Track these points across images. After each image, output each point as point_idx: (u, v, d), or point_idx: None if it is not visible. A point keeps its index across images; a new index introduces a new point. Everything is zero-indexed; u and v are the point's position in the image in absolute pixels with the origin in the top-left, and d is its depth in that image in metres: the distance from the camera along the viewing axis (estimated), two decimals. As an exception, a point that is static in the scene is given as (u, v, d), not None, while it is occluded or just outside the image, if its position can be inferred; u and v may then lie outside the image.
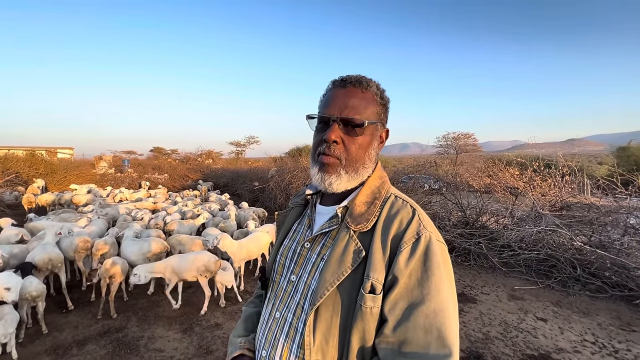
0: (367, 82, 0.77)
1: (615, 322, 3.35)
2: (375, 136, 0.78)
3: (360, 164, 0.75)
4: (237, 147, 34.70)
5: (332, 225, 0.75)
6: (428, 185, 9.04)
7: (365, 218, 0.71)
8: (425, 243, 0.65)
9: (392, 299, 0.63)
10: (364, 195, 0.75)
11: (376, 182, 0.78)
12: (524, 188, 6.48)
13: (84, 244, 3.80)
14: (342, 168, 0.74)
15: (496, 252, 4.98)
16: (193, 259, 3.42)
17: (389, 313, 0.62)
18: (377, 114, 0.77)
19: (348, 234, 0.70)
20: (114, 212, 6.19)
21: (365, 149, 0.76)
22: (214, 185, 14.15)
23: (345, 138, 0.74)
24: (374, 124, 0.77)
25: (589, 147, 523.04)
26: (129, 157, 24.89)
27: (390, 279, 0.64)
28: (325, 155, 0.74)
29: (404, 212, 0.71)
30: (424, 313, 0.60)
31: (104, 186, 11.53)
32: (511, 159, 8.68)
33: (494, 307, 3.69)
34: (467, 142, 27.25)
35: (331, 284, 0.66)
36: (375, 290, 0.63)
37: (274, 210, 9.10)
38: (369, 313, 0.63)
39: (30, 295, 2.83)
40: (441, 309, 0.60)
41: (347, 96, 0.75)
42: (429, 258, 0.64)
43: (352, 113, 0.73)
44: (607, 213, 5.03)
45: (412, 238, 0.66)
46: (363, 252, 0.67)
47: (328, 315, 0.67)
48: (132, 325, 3.17)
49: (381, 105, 0.79)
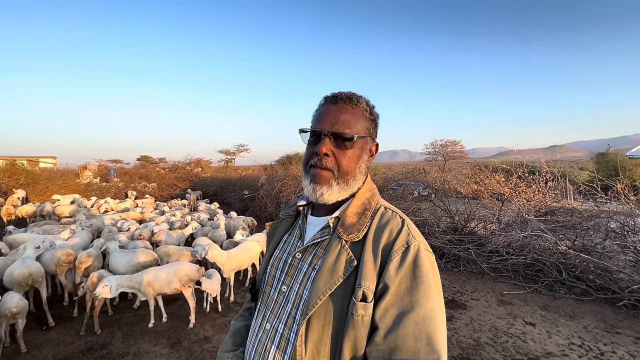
0: (357, 98, 0.81)
1: (600, 325, 3.43)
2: (365, 150, 0.82)
3: (350, 176, 0.78)
4: (227, 155, 34.43)
5: (324, 236, 0.77)
6: (417, 192, 9.16)
7: (356, 228, 0.73)
8: (414, 252, 0.68)
9: (382, 306, 0.64)
10: (355, 206, 0.78)
11: (366, 194, 0.81)
12: (510, 194, 6.64)
13: (66, 257, 3.67)
14: (334, 180, 0.77)
15: (485, 257, 5.05)
16: (175, 270, 3.32)
17: (379, 321, 0.64)
18: (366, 128, 0.81)
19: (340, 244, 0.72)
20: (99, 223, 6.01)
21: (355, 162, 0.79)
22: (202, 194, 13.95)
23: (335, 151, 0.78)
24: (364, 138, 0.81)
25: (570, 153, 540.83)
26: (115, 166, 24.33)
27: (381, 287, 0.66)
28: (317, 168, 0.78)
29: (394, 222, 0.73)
30: (414, 320, 0.62)
31: (88, 196, 11.22)
32: (497, 165, 8.91)
33: (484, 313, 3.72)
34: (455, 149, 27.76)
35: (323, 293, 0.67)
36: (366, 298, 0.65)
37: (264, 219, 9.03)
38: (361, 321, 0.64)
39: (10, 312, 2.70)
40: (430, 316, 0.63)
41: (338, 112, 0.79)
42: (418, 266, 0.66)
43: (343, 127, 0.77)
44: (589, 217, 5.20)
45: (401, 247, 0.68)
46: (355, 262, 0.69)
47: (320, 325, 0.68)
48: (117, 341, 3.06)
49: (370, 121, 0.83)
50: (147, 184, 16.39)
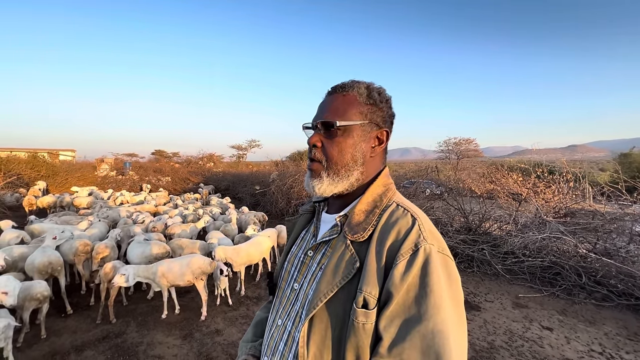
0: (352, 85, 0.76)
1: (623, 332, 3.29)
2: (362, 137, 0.75)
3: (341, 166, 0.74)
4: (239, 151, 34.79)
5: (333, 234, 0.74)
6: (430, 190, 9.01)
7: (362, 227, 0.68)
8: (424, 256, 0.60)
9: (387, 315, 0.59)
10: (365, 203, 0.72)
11: (379, 190, 0.75)
12: (528, 194, 6.43)
13: (84, 247, 3.77)
14: (324, 171, 0.74)
15: (500, 258, 4.92)
16: (188, 263, 3.37)
17: (384, 330, 0.58)
18: (361, 114, 0.74)
19: (344, 244, 0.68)
20: (115, 215, 6.16)
21: (348, 151, 0.74)
22: (215, 188, 14.14)
23: (325, 141, 0.75)
24: (358, 125, 0.74)
25: (590, 153, 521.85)
26: (131, 160, 24.91)
27: (385, 294, 0.60)
28: (310, 160, 0.77)
29: (403, 221, 0.66)
30: (421, 333, 0.55)
31: (105, 189, 11.53)
32: (513, 164, 8.66)
33: (499, 315, 3.63)
34: (469, 147, 27.18)
35: (325, 295, 0.64)
36: (368, 305, 0.60)
37: (275, 214, 9.07)
38: (362, 329, 0.60)
39: (42, 295, 2.86)
40: (440, 330, 0.55)
41: (330, 101, 0.77)
42: (429, 273, 0.59)
43: (330, 116, 0.74)
44: (612, 220, 4.98)
45: (409, 250, 0.61)
46: (357, 263, 0.64)
47: (322, 327, 0.65)
48: (131, 331, 3.13)
49: (369, 105, 0.75)
50: (161, 177, 16.74)
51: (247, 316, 3.50)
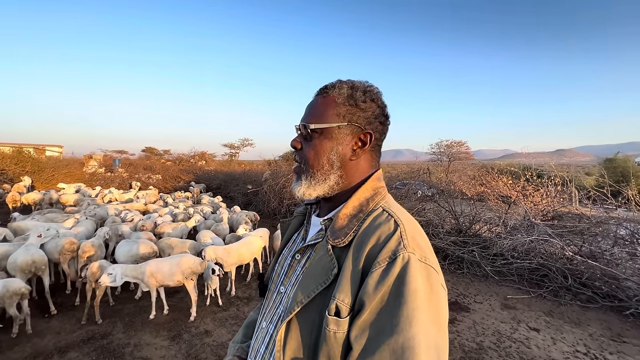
0: (333, 86, 0.75)
1: (606, 333, 3.37)
2: (340, 140, 0.72)
3: (317, 168, 0.73)
4: (231, 149, 34.51)
5: (318, 238, 0.72)
6: (421, 192, 9.09)
7: (344, 232, 0.66)
8: (402, 265, 0.56)
9: (358, 325, 0.56)
10: (350, 207, 0.70)
11: (366, 194, 0.71)
12: (517, 197, 6.55)
13: (69, 246, 3.68)
14: (303, 174, 0.75)
15: (489, 260, 4.99)
16: (178, 262, 3.32)
17: (354, 341, 0.56)
18: (338, 115, 0.72)
19: (325, 249, 0.66)
20: (103, 213, 6.04)
21: (324, 154, 0.72)
22: (206, 187, 13.99)
23: (303, 144, 0.76)
24: (335, 127, 0.72)
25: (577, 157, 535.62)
26: (120, 157, 24.47)
27: (358, 303, 0.57)
28: (295, 163, 0.78)
29: (385, 227, 0.63)
30: (391, 347, 0.52)
31: (93, 186, 11.29)
32: (503, 167, 8.80)
33: (487, 316, 3.68)
34: (460, 149, 27.53)
35: (302, 301, 0.62)
36: (340, 313, 0.58)
37: (267, 214, 9.01)
38: (333, 337, 0.57)
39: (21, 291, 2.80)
40: (410, 346, 0.51)
41: (312, 104, 0.77)
42: (404, 283, 0.55)
43: (307, 119, 0.74)
44: (598, 224, 5.10)
45: (386, 258, 0.57)
46: (336, 270, 0.62)
47: (299, 333, 0.63)
48: (117, 332, 3.06)
49: (349, 106, 0.72)
50: (152, 175, 16.48)
51: (237, 317, 3.46)
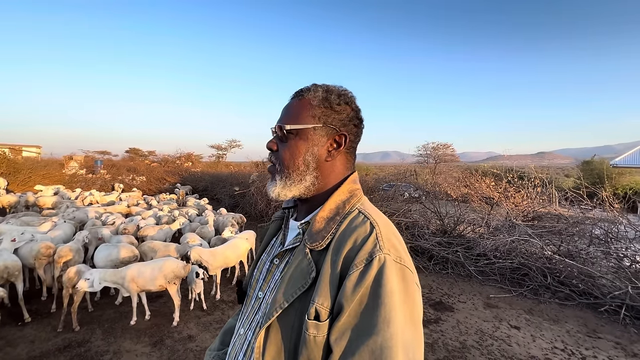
0: (308, 89, 0.77)
1: (583, 329, 3.50)
2: (315, 141, 0.74)
3: (292, 169, 0.73)
4: (218, 151, 34.08)
5: (296, 242, 0.72)
6: (408, 193, 9.21)
7: (321, 235, 0.66)
8: (378, 267, 0.58)
9: (338, 327, 0.57)
10: (326, 210, 0.70)
11: (342, 196, 0.72)
12: (499, 198, 6.73)
13: (46, 250, 3.53)
14: (277, 174, 0.75)
15: (472, 260, 5.10)
16: (160, 267, 3.24)
17: (334, 343, 0.57)
18: (313, 117, 0.74)
19: (303, 253, 0.66)
20: (82, 216, 5.83)
21: (299, 155, 0.73)
22: (192, 189, 13.74)
23: (279, 145, 0.77)
24: (310, 128, 0.73)
25: (557, 160, 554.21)
26: (102, 158, 23.76)
27: (337, 306, 0.58)
28: (270, 164, 0.79)
29: (361, 229, 0.64)
30: (370, 348, 0.53)
31: (73, 188, 10.90)
32: (486, 169, 9.03)
33: (471, 316, 3.75)
34: (446, 152, 28.11)
35: (280, 306, 0.62)
36: (319, 316, 0.58)
37: (254, 216, 8.93)
38: (313, 341, 0.58)
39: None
40: (389, 346, 0.53)
41: (287, 106, 0.78)
42: (381, 284, 0.56)
43: (283, 120, 0.75)
44: (575, 224, 5.30)
45: (363, 260, 0.59)
46: (314, 273, 0.62)
47: (278, 338, 0.63)
48: (96, 339, 2.96)
49: (324, 108, 0.74)
50: (136, 176, 16.07)
51: (222, 321, 3.40)
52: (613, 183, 14.23)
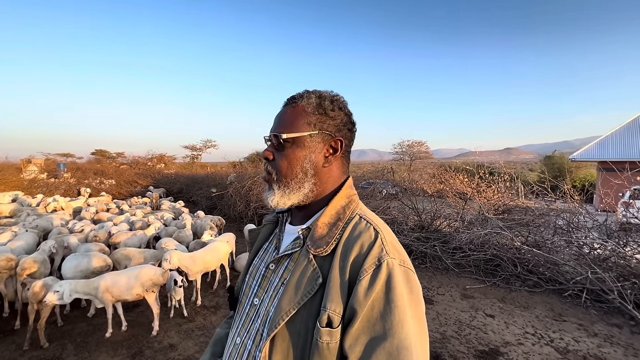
0: (301, 96, 0.77)
1: (550, 314, 3.75)
2: (312, 148, 0.74)
3: (290, 178, 0.74)
4: (193, 151, 33.02)
5: (295, 247, 0.72)
6: (386, 190, 9.42)
7: (325, 241, 0.66)
8: (387, 271, 0.60)
9: (352, 333, 0.58)
10: (328, 215, 0.71)
11: (342, 202, 0.74)
12: (472, 193, 7.05)
13: (6, 263, 3.26)
14: (275, 183, 0.75)
15: (449, 254, 5.31)
16: (137, 275, 3.09)
17: (349, 349, 0.58)
18: (309, 124, 0.74)
19: (307, 258, 0.66)
20: (46, 224, 5.44)
21: (297, 163, 0.74)
22: (166, 191, 13.23)
23: (276, 154, 0.76)
24: (306, 135, 0.74)
25: (522, 155, 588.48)
26: (65, 161, 22.27)
27: (350, 311, 0.59)
28: (265, 173, 0.78)
29: (366, 235, 0.66)
30: (387, 350, 0.55)
31: (33, 194, 10.13)
32: (459, 166, 9.42)
33: (449, 307, 3.91)
34: (420, 149, 28.92)
35: (287, 313, 0.62)
36: (332, 323, 0.59)
37: (233, 218, 8.76)
38: (326, 348, 0.58)
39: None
40: (405, 346, 0.55)
41: (280, 114, 0.78)
42: (392, 288, 0.59)
43: (279, 129, 0.75)
44: (540, 215, 5.66)
45: (372, 265, 0.61)
46: (320, 279, 0.63)
47: (284, 347, 0.62)
48: (68, 355, 2.78)
49: (319, 115, 0.75)
50: (104, 180, 15.20)
51: (204, 327, 3.32)
52: (572, 176, 15.37)
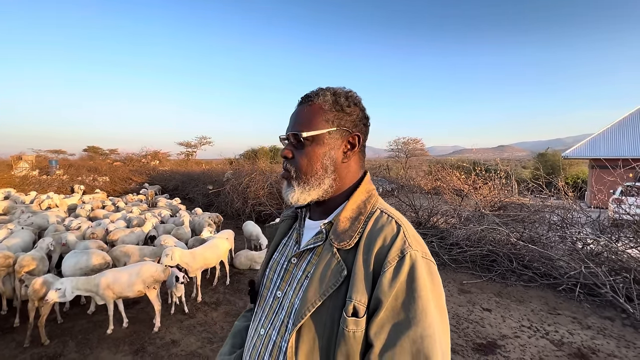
0: (317, 94, 0.78)
1: (545, 308, 3.84)
2: (332, 145, 0.76)
3: (310, 175, 0.75)
4: (188, 148, 32.74)
5: (317, 242, 0.74)
6: (383, 187, 9.48)
7: (348, 235, 0.69)
8: (410, 262, 0.62)
9: (377, 322, 0.60)
10: (349, 210, 0.73)
11: (362, 197, 0.76)
12: (469, 190, 7.13)
13: (4, 261, 3.23)
14: (294, 180, 0.76)
15: (446, 250, 5.38)
16: (138, 271, 3.09)
17: (374, 337, 0.60)
18: (327, 121, 0.76)
19: (331, 252, 0.68)
20: (42, 221, 5.39)
21: (317, 160, 0.75)
22: (161, 188, 13.14)
23: (295, 153, 0.77)
24: (325, 133, 0.75)
25: (516, 153, 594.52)
26: (57, 158, 21.94)
27: (374, 301, 0.61)
28: (284, 171, 0.79)
29: (388, 228, 0.68)
30: (411, 338, 0.58)
31: (26, 191, 9.98)
32: (454, 163, 9.51)
33: (447, 302, 3.85)
34: (416, 146, 29.02)
35: (313, 304, 0.64)
36: (358, 313, 0.61)
37: (231, 214, 8.74)
38: (352, 337, 0.60)
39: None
40: (428, 334, 0.58)
41: (297, 114, 0.79)
42: (415, 279, 0.61)
43: (297, 128, 0.76)
44: (535, 212, 5.76)
45: (395, 257, 0.63)
46: (345, 271, 0.65)
47: (311, 337, 0.65)
48: (69, 352, 2.77)
49: (336, 112, 0.77)
50: (98, 177, 15.03)
51: (205, 323, 3.33)
52: (565, 174, 15.62)
